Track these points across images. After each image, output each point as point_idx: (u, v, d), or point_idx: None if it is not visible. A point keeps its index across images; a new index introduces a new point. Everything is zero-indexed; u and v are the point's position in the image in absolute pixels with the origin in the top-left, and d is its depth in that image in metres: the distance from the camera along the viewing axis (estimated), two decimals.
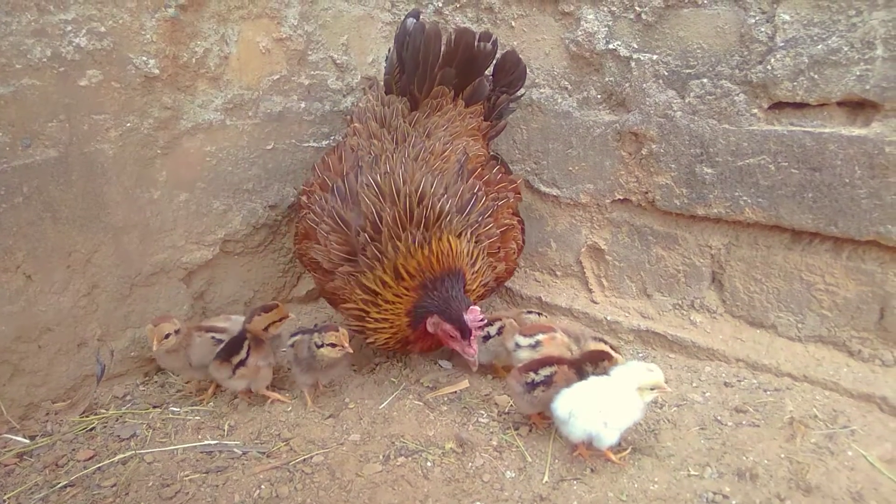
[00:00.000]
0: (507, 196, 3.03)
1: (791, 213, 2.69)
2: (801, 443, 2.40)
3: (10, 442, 2.61)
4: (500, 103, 3.18)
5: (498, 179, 3.03)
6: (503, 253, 2.94)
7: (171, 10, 2.75)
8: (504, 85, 3.18)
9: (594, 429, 2.29)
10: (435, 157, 2.88)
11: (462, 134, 3.04)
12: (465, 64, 3.04)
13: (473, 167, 2.94)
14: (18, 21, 2.43)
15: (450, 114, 3.05)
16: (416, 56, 2.97)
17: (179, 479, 2.39)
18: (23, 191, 2.55)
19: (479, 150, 3.07)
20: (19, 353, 2.65)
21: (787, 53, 2.54)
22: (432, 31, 2.97)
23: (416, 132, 2.98)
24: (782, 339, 2.86)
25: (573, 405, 2.32)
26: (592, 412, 2.30)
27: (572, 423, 2.31)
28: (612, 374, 2.41)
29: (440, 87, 3.05)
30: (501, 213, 2.95)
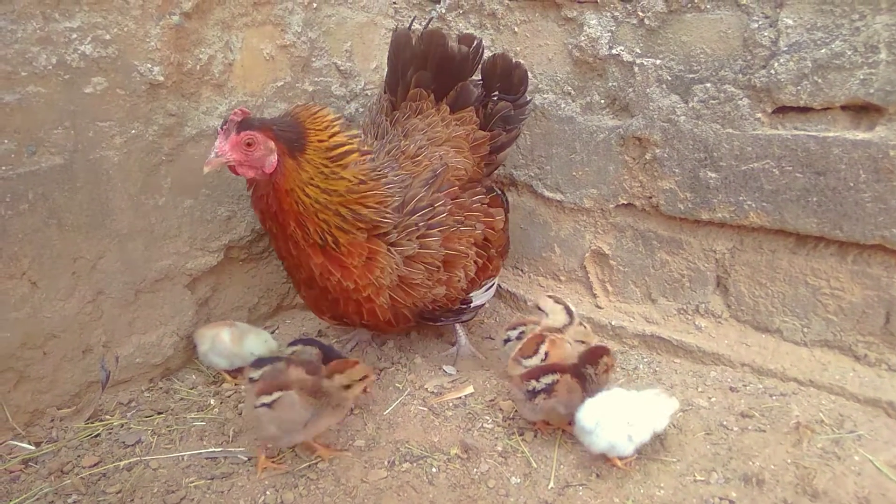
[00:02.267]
0: (474, 226, 2.93)
1: (796, 218, 2.69)
2: (808, 448, 2.40)
3: (16, 448, 2.60)
4: (500, 111, 3.10)
5: (472, 206, 2.94)
6: (445, 276, 2.84)
7: (175, 18, 2.76)
8: (501, 91, 3.12)
9: (619, 440, 2.28)
10: (406, 158, 2.88)
11: (444, 141, 2.98)
12: (440, 67, 3.00)
13: (449, 183, 2.89)
14: (24, 29, 2.44)
15: (432, 118, 3.02)
16: (389, 59, 3.04)
17: (184, 485, 2.39)
18: (28, 197, 2.56)
19: (462, 164, 2.98)
20: (25, 359, 2.65)
21: (790, 58, 2.54)
22: (400, 34, 3.01)
23: (395, 131, 3.00)
24: (788, 344, 2.85)
25: (600, 415, 2.30)
26: (620, 424, 2.29)
27: (597, 433, 2.29)
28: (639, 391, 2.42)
29: (417, 90, 3.03)
30: (458, 238, 2.86)
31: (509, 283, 3.61)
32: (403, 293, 2.75)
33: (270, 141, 2.42)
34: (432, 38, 2.98)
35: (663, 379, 2.89)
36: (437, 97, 3.06)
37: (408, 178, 2.81)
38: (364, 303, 2.70)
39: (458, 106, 3.06)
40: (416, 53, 3.00)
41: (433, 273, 2.79)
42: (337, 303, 2.73)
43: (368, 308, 2.73)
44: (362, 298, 2.68)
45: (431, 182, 2.83)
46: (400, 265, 2.68)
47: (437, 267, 2.79)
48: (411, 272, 2.72)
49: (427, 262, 2.75)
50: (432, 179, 2.84)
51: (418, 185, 2.81)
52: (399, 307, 2.78)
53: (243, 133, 2.40)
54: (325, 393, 2.40)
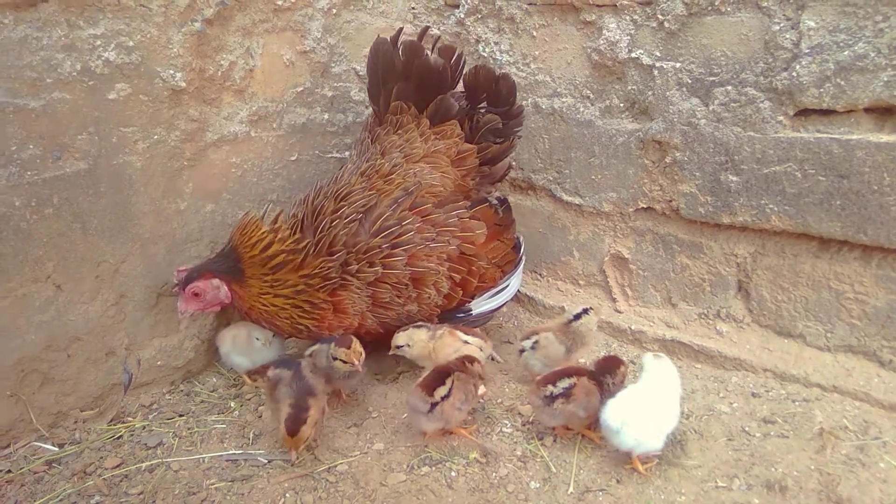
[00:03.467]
0: (447, 240, 2.90)
1: (819, 221, 2.66)
2: (832, 454, 2.36)
3: (40, 450, 2.64)
4: (487, 123, 3.06)
5: (446, 222, 2.91)
6: (415, 294, 2.87)
7: (197, 25, 2.80)
8: (488, 102, 3.08)
9: (648, 437, 2.28)
10: (379, 177, 2.91)
11: (420, 158, 2.97)
12: (421, 78, 2.97)
13: (421, 202, 2.89)
14: (49, 36, 2.49)
15: (411, 133, 3.00)
16: (369, 69, 3.05)
17: (205, 486, 2.40)
18: (53, 202, 2.60)
19: (439, 180, 2.96)
20: (49, 361, 2.69)
21: (812, 60, 2.52)
22: (379, 43, 2.98)
23: (374, 148, 3.01)
24: (811, 349, 2.82)
25: (625, 415, 2.29)
26: (647, 420, 2.28)
27: (625, 432, 2.28)
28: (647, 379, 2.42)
29: (397, 103, 3.01)
30: (426, 255, 2.85)
31: (528, 287, 3.60)
32: (382, 309, 2.88)
33: (214, 279, 2.77)
34: (412, 49, 2.94)
35: (684, 384, 2.84)
36: (419, 109, 3.03)
37: (375, 198, 2.86)
38: (358, 329, 2.89)
39: (438, 119, 3.02)
40: (398, 65, 2.97)
41: (402, 291, 2.85)
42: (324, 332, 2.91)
43: (364, 332, 2.90)
44: (354, 326, 2.88)
45: (401, 201, 2.86)
46: (363, 289, 2.81)
47: (405, 285, 2.84)
48: (378, 292, 2.82)
49: (392, 283, 2.82)
50: (402, 198, 2.87)
51: (386, 203, 2.86)
52: (385, 321, 2.92)
53: (187, 288, 2.75)
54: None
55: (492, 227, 3.06)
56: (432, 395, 2.45)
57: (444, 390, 2.47)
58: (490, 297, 3.12)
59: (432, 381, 2.50)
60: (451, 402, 2.47)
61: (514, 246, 3.20)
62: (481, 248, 3.01)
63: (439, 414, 2.46)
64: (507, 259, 3.15)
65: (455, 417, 2.50)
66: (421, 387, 2.50)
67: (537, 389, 2.49)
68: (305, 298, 2.78)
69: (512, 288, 3.20)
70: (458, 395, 2.49)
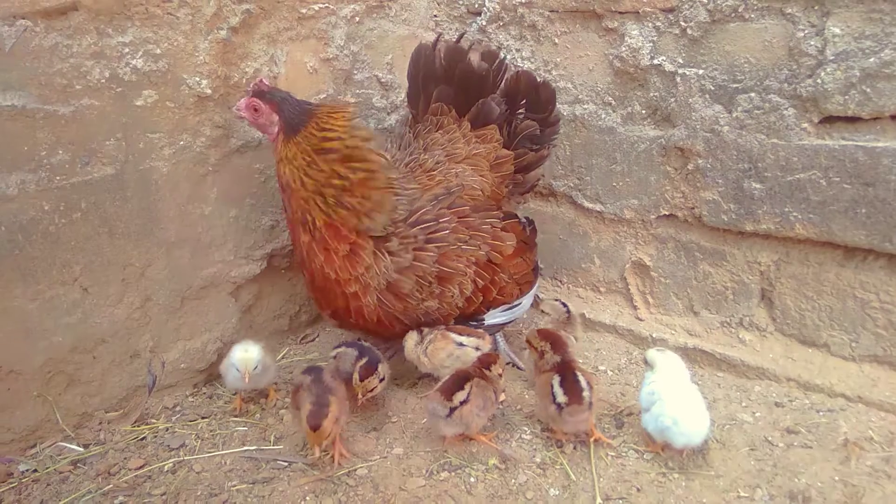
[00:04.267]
0: (479, 245, 2.90)
1: (843, 230, 2.63)
2: (857, 465, 2.33)
3: (65, 450, 2.69)
4: (525, 129, 3.09)
5: (480, 227, 2.92)
6: (438, 290, 2.84)
7: (223, 32, 2.84)
8: (527, 109, 3.11)
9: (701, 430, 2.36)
10: (422, 172, 2.93)
11: (463, 159, 3.00)
12: (462, 82, 3.02)
13: (459, 203, 2.90)
14: (79, 44, 2.54)
15: (453, 134, 3.04)
16: (410, 72, 3.10)
17: (227, 488, 2.43)
18: (81, 206, 2.65)
19: (479, 183, 2.99)
20: (75, 363, 2.74)
21: (837, 67, 2.50)
22: (420, 48, 3.06)
23: (416, 143, 3.05)
24: (835, 359, 2.78)
25: (677, 414, 2.34)
26: (700, 413, 2.37)
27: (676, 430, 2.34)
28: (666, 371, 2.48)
29: (438, 105, 3.06)
30: (456, 256, 2.85)
31: (548, 294, 3.59)
32: (393, 297, 2.77)
33: (274, 114, 2.65)
34: (454, 53, 3.01)
35: (706, 393, 2.83)
36: (459, 113, 3.07)
37: (418, 191, 2.86)
38: (351, 299, 2.75)
39: (479, 123, 3.07)
40: (438, 68, 3.03)
41: (424, 286, 2.80)
42: (325, 293, 2.79)
43: (356, 306, 2.77)
44: (349, 294, 2.73)
45: (441, 199, 2.87)
46: (390, 271, 2.72)
47: (430, 281, 2.80)
48: (400, 280, 2.75)
49: (419, 275, 2.78)
50: (443, 196, 2.88)
51: (427, 199, 2.86)
52: (389, 311, 2.80)
53: (251, 100, 2.66)
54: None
55: (518, 242, 3.07)
56: (451, 399, 2.46)
57: (463, 395, 2.47)
58: (503, 311, 3.12)
59: (451, 386, 2.51)
60: (469, 407, 2.47)
61: (533, 268, 3.20)
62: (506, 261, 3.02)
63: (458, 418, 2.47)
64: (526, 279, 3.15)
65: (475, 422, 2.50)
66: (440, 392, 2.51)
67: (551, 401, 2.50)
68: (333, 201, 2.63)
69: (524, 306, 3.21)
70: (477, 401, 2.49)
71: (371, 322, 2.82)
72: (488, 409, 2.54)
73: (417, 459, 2.53)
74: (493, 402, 2.55)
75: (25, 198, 2.51)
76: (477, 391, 2.50)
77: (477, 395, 2.50)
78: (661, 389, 2.43)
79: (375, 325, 2.84)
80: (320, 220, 2.65)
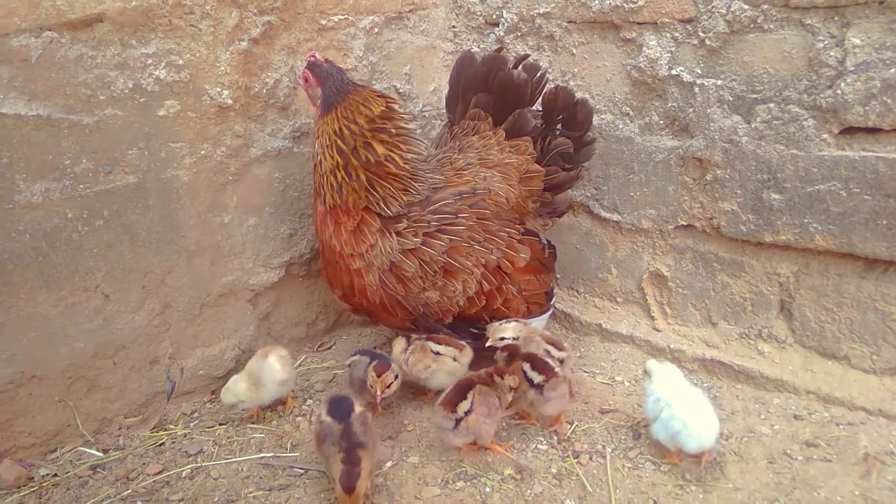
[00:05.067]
0: (491, 249, 2.90)
1: (864, 241, 2.61)
2: (877, 480, 2.30)
3: (85, 455, 2.72)
4: (559, 146, 3.09)
5: (496, 232, 2.94)
6: (441, 283, 2.85)
7: (244, 44, 2.88)
8: (562, 125, 3.12)
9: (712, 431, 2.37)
10: (451, 169, 2.98)
11: (493, 165, 3.02)
12: (501, 90, 3.04)
13: (482, 206, 2.92)
14: (103, 55, 2.59)
15: (488, 140, 3.06)
16: (451, 78, 3.18)
17: (244, 495, 2.44)
18: (103, 214, 2.69)
19: (505, 192, 3.00)
20: (96, 369, 2.77)
21: (857, 78, 2.48)
22: (464, 56, 3.14)
23: (452, 143, 3.10)
24: (856, 371, 2.75)
25: (686, 416, 2.36)
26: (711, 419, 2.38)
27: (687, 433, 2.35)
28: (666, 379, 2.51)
29: (476, 111, 3.10)
30: (466, 253, 2.86)
31: (564, 303, 3.59)
32: (395, 280, 2.80)
33: (318, 88, 2.80)
34: (495, 61, 3.04)
35: (724, 405, 2.82)
36: (496, 121, 3.09)
37: (442, 182, 2.92)
38: (355, 276, 2.81)
39: (514, 133, 3.07)
40: (478, 74, 3.07)
41: (428, 274, 2.81)
42: (333, 267, 2.86)
43: (359, 284, 2.82)
44: (353, 270, 2.80)
45: (466, 197, 2.91)
46: (394, 251, 2.76)
47: (435, 271, 2.82)
48: (403, 261, 2.77)
49: (424, 260, 2.79)
50: (467, 194, 2.91)
51: (451, 192, 2.90)
52: (391, 293, 2.82)
53: (305, 71, 2.83)
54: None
55: (533, 259, 3.06)
56: (455, 410, 2.45)
57: (467, 405, 2.45)
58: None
59: (454, 397, 2.48)
60: (474, 416, 2.45)
61: (546, 292, 3.17)
62: (517, 273, 3.01)
63: (465, 429, 2.45)
64: (536, 300, 3.13)
65: (484, 431, 2.48)
66: (442, 405, 2.49)
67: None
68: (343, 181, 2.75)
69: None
70: (481, 409, 2.46)
71: (374, 304, 2.85)
72: (494, 415, 2.51)
73: (433, 468, 2.53)
74: (497, 407, 2.52)
75: (50, 206, 2.56)
76: (480, 399, 2.48)
77: (480, 402, 2.47)
78: (666, 396, 2.44)
79: (378, 307, 2.86)
80: (331, 195, 2.76)
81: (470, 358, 2.88)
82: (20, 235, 2.52)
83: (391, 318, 2.93)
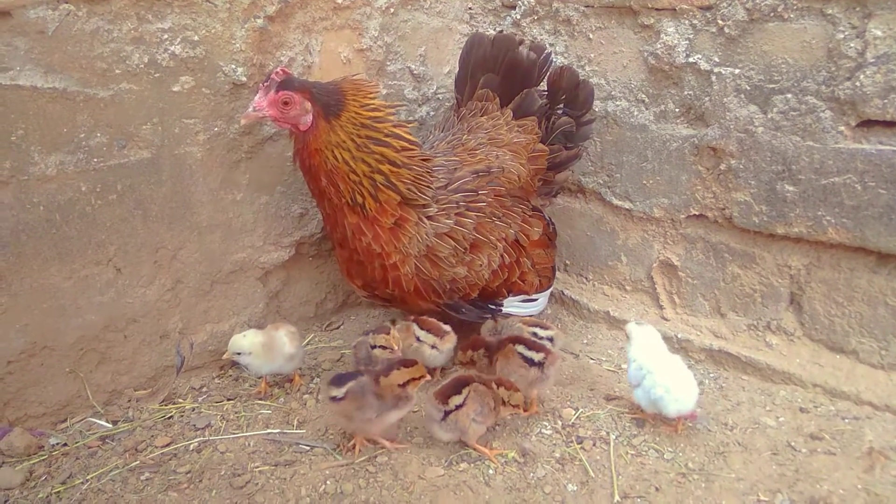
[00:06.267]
0: (509, 224, 2.99)
1: (878, 236, 2.59)
2: (881, 475, 2.30)
3: (94, 426, 2.76)
4: (562, 125, 3.14)
5: (512, 208, 3.02)
6: (469, 258, 2.88)
7: (259, 21, 2.87)
8: (565, 105, 3.15)
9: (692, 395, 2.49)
10: (464, 150, 3.01)
11: (504, 145, 3.08)
12: (509, 71, 3.11)
13: (498, 183, 2.97)
14: (119, 29, 2.59)
15: (497, 120, 3.12)
16: (462, 58, 3.20)
17: (250, 469, 2.48)
18: (117, 189, 2.70)
19: (517, 170, 3.05)
20: (107, 341, 2.80)
21: (877, 70, 2.45)
22: (475, 36, 3.16)
23: (460, 125, 3.12)
24: (864, 366, 2.74)
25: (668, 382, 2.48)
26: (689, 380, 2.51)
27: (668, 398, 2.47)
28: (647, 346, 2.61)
29: (484, 91, 3.13)
30: (490, 229, 2.92)
31: (573, 290, 3.59)
32: (430, 264, 2.81)
33: (307, 102, 2.58)
34: (504, 42, 3.09)
35: (730, 395, 2.82)
36: (503, 102, 3.14)
37: (458, 163, 2.94)
38: (390, 269, 2.79)
39: (520, 113, 3.14)
40: (488, 55, 3.11)
41: (459, 252, 2.85)
42: (363, 266, 2.83)
43: (394, 276, 2.80)
44: (388, 265, 2.77)
45: (482, 175, 2.94)
46: (430, 236, 2.78)
47: (465, 248, 2.86)
48: (439, 244, 2.80)
49: (456, 239, 2.83)
50: (483, 173, 2.95)
51: (468, 171, 2.94)
52: (426, 278, 2.83)
53: (282, 92, 2.55)
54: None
55: (542, 235, 3.14)
56: (446, 402, 2.42)
57: (459, 399, 2.41)
58: (521, 301, 3.15)
59: (448, 390, 2.45)
60: (465, 411, 2.40)
61: (552, 266, 3.27)
62: (532, 246, 3.10)
63: (453, 423, 2.41)
64: (545, 273, 3.21)
65: (471, 429, 2.42)
66: (435, 394, 2.46)
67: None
68: (382, 182, 2.66)
69: (540, 305, 3.27)
70: (474, 406, 2.41)
71: (407, 292, 2.85)
72: (487, 417, 2.44)
73: (437, 449, 2.55)
74: (492, 410, 2.44)
75: (64, 178, 2.57)
76: (475, 396, 2.42)
77: (475, 400, 2.42)
78: (647, 364, 2.54)
79: (412, 294, 2.87)
80: (371, 200, 2.67)
81: (453, 344, 2.90)
82: (34, 207, 2.54)
83: (422, 303, 2.94)
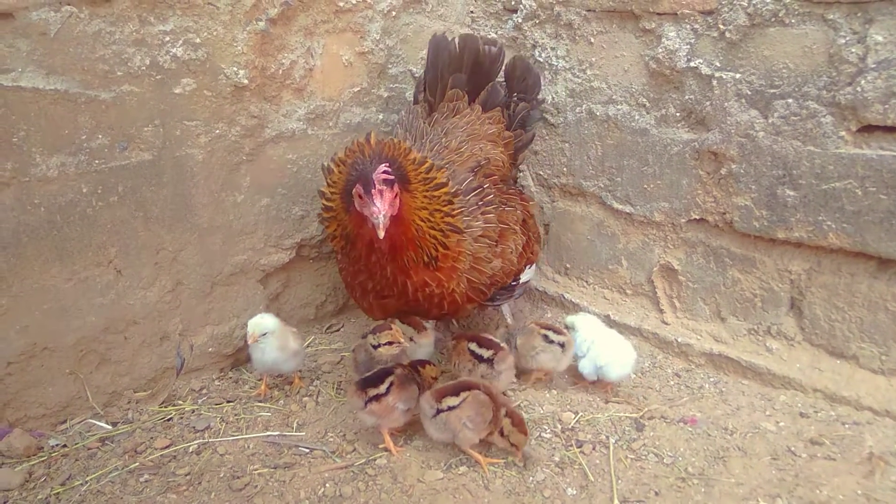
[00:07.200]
0: (515, 206, 3.12)
1: (878, 241, 2.59)
2: (880, 480, 2.30)
3: (94, 427, 2.76)
4: (520, 111, 3.33)
5: (510, 192, 3.17)
6: (500, 249, 2.94)
7: (261, 24, 2.88)
8: (519, 92, 3.35)
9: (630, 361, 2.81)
10: (449, 152, 3.05)
11: (482, 137, 3.17)
12: (474, 68, 3.23)
13: (490, 172, 3.09)
14: (121, 31, 2.59)
15: (468, 118, 3.21)
16: (429, 63, 3.23)
17: (249, 472, 2.48)
18: (118, 190, 2.71)
19: (499, 157, 3.19)
20: (107, 343, 2.80)
21: (878, 75, 2.45)
22: (439, 38, 3.21)
23: (434, 131, 3.15)
24: (864, 371, 2.74)
25: (610, 351, 2.79)
26: (628, 349, 2.82)
27: (609, 368, 2.78)
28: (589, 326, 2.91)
29: (454, 91, 3.21)
30: (506, 215, 3.04)
31: (573, 294, 3.58)
32: (476, 272, 2.87)
33: (395, 185, 2.48)
34: (467, 40, 3.21)
35: (730, 400, 2.82)
36: (471, 98, 3.25)
37: (452, 166, 2.98)
38: (447, 297, 2.82)
39: (488, 106, 3.27)
40: (454, 55, 3.19)
41: (492, 246, 2.92)
42: (418, 305, 2.83)
43: (450, 300, 2.84)
44: (446, 294, 2.81)
45: (477, 169, 3.01)
46: (472, 245, 2.82)
47: (495, 241, 2.93)
48: (479, 248, 2.86)
49: (489, 236, 2.90)
50: (476, 168, 3.01)
51: (464, 171, 2.99)
52: (474, 286, 2.89)
53: (395, 189, 2.47)
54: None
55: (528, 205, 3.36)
56: (440, 401, 2.44)
57: (455, 401, 2.42)
58: (529, 268, 3.28)
59: (448, 390, 2.48)
60: (457, 414, 2.40)
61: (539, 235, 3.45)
62: (531, 220, 3.29)
63: (443, 422, 2.42)
64: (538, 238, 3.39)
65: (462, 434, 2.41)
66: (433, 392, 2.50)
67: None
68: (448, 227, 2.68)
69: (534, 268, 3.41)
70: (468, 412, 2.40)
71: (461, 305, 2.90)
72: (479, 428, 2.41)
73: (436, 453, 2.55)
74: (486, 423, 2.40)
75: (65, 180, 2.58)
76: (472, 403, 2.41)
77: (471, 406, 2.41)
78: (591, 338, 2.83)
79: (463, 305, 2.91)
80: (441, 250, 2.68)
81: (430, 339, 2.96)
82: (35, 209, 2.54)
83: (468, 307, 2.98)
